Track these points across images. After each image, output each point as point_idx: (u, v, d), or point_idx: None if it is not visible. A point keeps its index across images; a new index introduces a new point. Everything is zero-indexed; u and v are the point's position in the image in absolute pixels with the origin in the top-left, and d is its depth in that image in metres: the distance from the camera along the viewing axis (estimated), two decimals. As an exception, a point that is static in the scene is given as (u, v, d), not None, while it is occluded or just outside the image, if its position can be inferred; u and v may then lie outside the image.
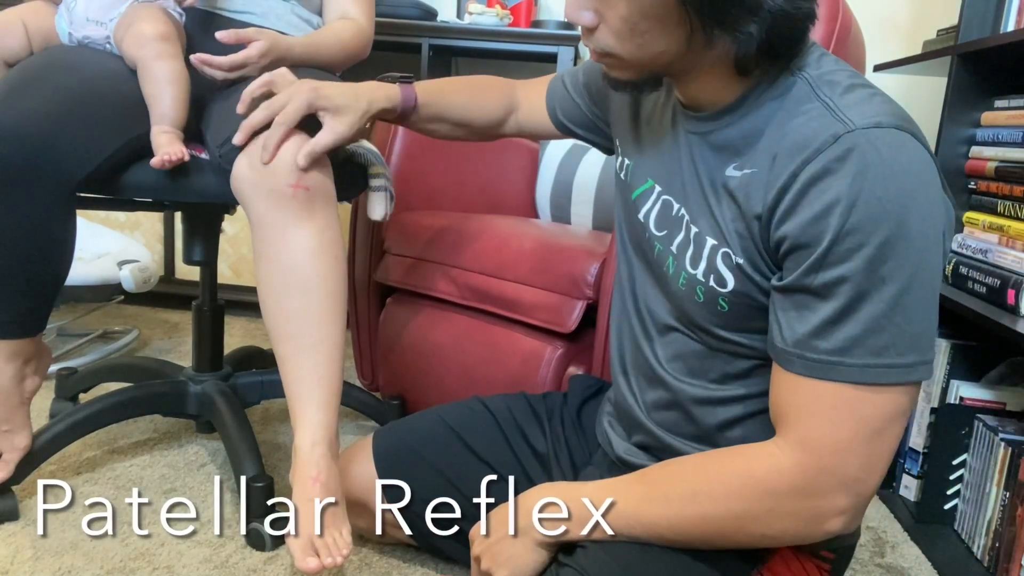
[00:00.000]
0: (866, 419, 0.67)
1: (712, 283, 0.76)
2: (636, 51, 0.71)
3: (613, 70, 0.75)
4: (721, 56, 0.71)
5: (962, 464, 1.30)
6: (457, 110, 1.11)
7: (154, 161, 1.04)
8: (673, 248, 0.81)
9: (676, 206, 0.81)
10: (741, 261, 0.73)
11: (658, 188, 0.84)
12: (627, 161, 0.91)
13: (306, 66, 1.22)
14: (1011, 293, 1.19)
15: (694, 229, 0.78)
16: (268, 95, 0.99)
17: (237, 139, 0.97)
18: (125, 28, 1.11)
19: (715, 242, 0.76)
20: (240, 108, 0.99)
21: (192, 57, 1.11)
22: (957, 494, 1.31)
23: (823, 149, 0.65)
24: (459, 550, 1.03)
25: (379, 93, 1.02)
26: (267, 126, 0.97)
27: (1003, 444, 1.18)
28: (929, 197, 0.65)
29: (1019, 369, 1.32)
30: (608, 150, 1.09)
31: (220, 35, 1.10)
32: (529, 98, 1.15)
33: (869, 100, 0.68)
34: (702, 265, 0.77)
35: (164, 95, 1.07)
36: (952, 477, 1.31)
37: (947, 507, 1.32)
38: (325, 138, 0.96)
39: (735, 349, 0.78)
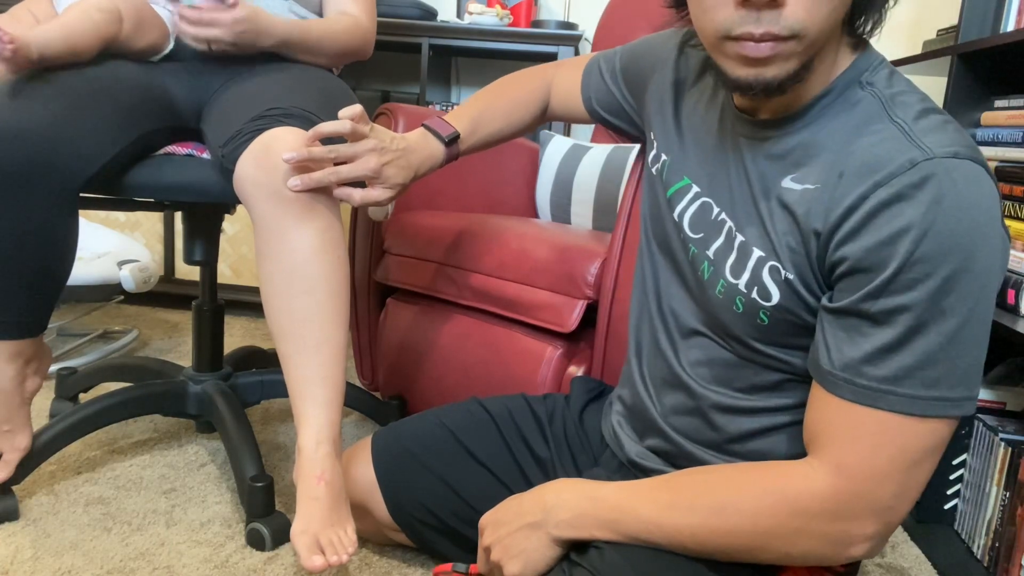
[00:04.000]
0: (907, 449, 0.66)
1: (755, 295, 0.74)
2: (823, 22, 0.64)
3: (779, 62, 0.66)
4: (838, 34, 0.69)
5: (962, 464, 1.30)
6: (494, 138, 1.13)
7: None
8: (710, 253, 0.79)
9: (717, 210, 0.80)
10: (791, 276, 0.72)
11: (696, 188, 0.83)
12: (664, 156, 0.89)
13: (290, 51, 1.20)
14: (1011, 293, 1.19)
15: (739, 238, 0.76)
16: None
17: (293, 184, 0.94)
18: None
19: (763, 254, 0.74)
20: (308, 139, 0.95)
21: (173, 6, 1.11)
22: (957, 494, 1.31)
23: (898, 174, 0.64)
24: (457, 552, 1.03)
25: (427, 162, 1.04)
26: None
27: (1003, 444, 1.18)
28: (995, 233, 0.65)
29: (1019, 369, 1.33)
30: (634, 138, 1.08)
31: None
32: (562, 85, 1.13)
33: (943, 127, 0.67)
34: (745, 276, 0.75)
35: (55, 22, 1.02)
36: (952, 477, 1.31)
37: (947, 507, 1.32)
38: (364, 197, 0.98)
39: (767, 362, 0.77)
